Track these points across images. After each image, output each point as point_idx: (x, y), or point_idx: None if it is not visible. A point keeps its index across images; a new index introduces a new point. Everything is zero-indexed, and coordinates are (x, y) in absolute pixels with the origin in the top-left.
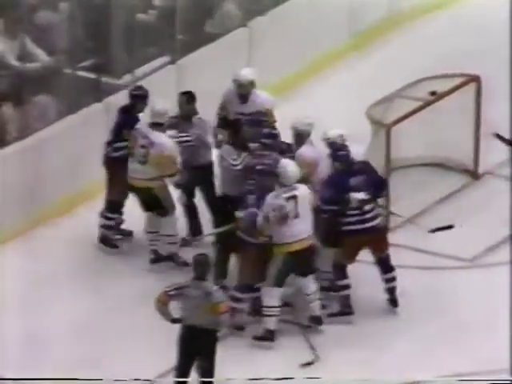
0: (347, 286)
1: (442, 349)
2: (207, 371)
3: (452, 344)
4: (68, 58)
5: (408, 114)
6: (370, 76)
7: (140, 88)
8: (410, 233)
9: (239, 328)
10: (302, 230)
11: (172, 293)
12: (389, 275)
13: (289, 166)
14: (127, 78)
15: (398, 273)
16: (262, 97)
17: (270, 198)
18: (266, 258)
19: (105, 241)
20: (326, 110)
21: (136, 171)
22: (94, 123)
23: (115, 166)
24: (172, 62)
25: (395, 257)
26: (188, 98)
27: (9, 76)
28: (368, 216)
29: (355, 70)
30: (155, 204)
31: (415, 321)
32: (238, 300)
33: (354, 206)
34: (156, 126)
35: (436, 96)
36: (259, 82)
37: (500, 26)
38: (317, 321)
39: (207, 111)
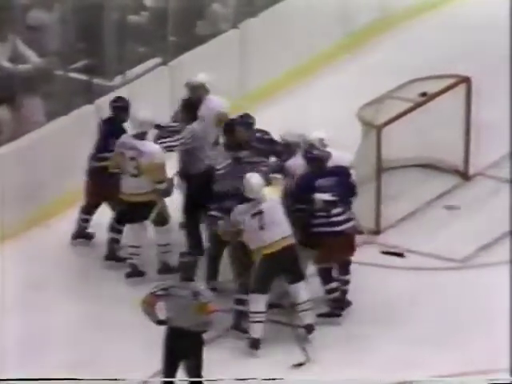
0: (336, 289)
1: (431, 350)
2: (194, 373)
3: (442, 345)
4: (59, 59)
5: (399, 115)
6: (362, 77)
7: (120, 99)
8: (400, 234)
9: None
10: (272, 234)
11: (159, 293)
12: (346, 277)
13: (252, 179)
14: (119, 79)
15: (390, 273)
16: (215, 102)
17: (234, 213)
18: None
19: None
20: (317, 111)
21: (131, 187)
22: (85, 124)
23: (103, 175)
24: (164, 64)
25: (387, 257)
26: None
27: (1, 78)
28: (336, 219)
29: (347, 71)
30: (147, 216)
31: (406, 321)
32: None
33: (319, 207)
34: (140, 135)
35: (426, 97)
36: (251, 83)
37: (489, 26)
38: (308, 329)
39: None
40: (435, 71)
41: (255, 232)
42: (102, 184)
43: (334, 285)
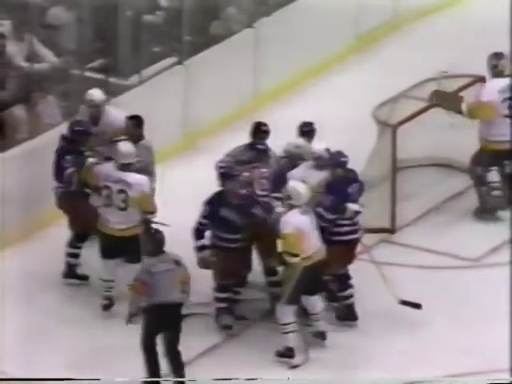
0: (351, 296)
1: (447, 348)
2: (175, 343)
3: (456, 343)
4: (76, 58)
5: (414, 115)
6: (375, 77)
7: (80, 123)
8: (416, 233)
9: (227, 327)
10: (315, 243)
11: (144, 278)
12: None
13: (298, 186)
14: (134, 78)
15: (405, 272)
16: (111, 115)
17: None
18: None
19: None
20: (330, 111)
21: (118, 222)
22: None
23: (73, 199)
24: (179, 63)
25: (403, 257)
26: (137, 122)
27: (17, 77)
28: (354, 228)
29: (360, 71)
30: (127, 250)
31: (420, 320)
32: (220, 300)
33: (348, 216)
34: (124, 167)
35: None
36: (264, 83)
37: (501, 27)
38: (321, 336)
39: (213, 111)
40: (449, 71)
41: (312, 234)
42: (82, 210)
43: (349, 291)
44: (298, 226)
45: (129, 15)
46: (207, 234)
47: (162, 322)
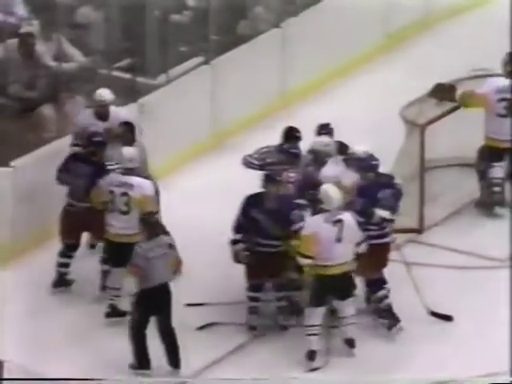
0: (386, 297)
1: (475, 348)
2: (168, 323)
3: (485, 343)
4: (103, 58)
5: (442, 115)
6: (404, 77)
7: (97, 134)
8: (444, 233)
9: (252, 328)
10: (341, 254)
11: (140, 262)
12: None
13: (330, 190)
14: (162, 78)
15: (433, 272)
16: (119, 114)
17: (307, 224)
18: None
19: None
20: (358, 110)
21: (121, 227)
22: None
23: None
24: (206, 63)
25: (430, 257)
26: (129, 127)
27: (46, 76)
28: (383, 232)
29: (388, 71)
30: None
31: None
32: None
33: (374, 222)
34: (128, 171)
35: None
36: (291, 83)
37: None
38: (350, 343)
39: (239, 110)
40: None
41: (330, 244)
42: (82, 221)
43: (384, 292)
44: (316, 231)
45: (156, 15)
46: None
47: (154, 304)
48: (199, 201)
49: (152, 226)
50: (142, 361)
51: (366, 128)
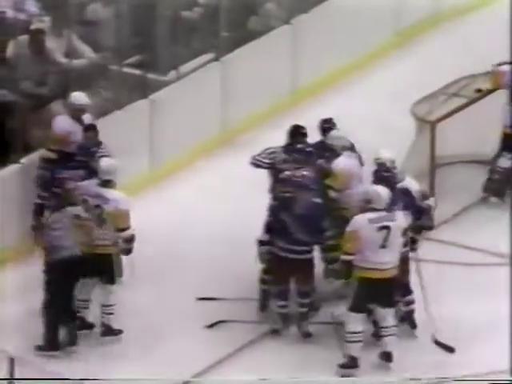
0: (412, 302)
1: (487, 343)
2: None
3: (494, 340)
4: (114, 54)
5: (453, 111)
6: (414, 74)
7: (89, 144)
8: (453, 229)
9: (275, 331)
10: (384, 260)
11: (44, 233)
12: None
13: (379, 190)
14: (172, 74)
15: (443, 269)
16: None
17: (353, 222)
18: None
19: None
20: (368, 107)
21: (95, 238)
22: (139, 118)
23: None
24: (216, 59)
25: (440, 253)
26: (95, 131)
27: (57, 73)
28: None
29: (398, 68)
30: (104, 271)
31: (460, 317)
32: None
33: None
34: (105, 183)
35: (481, 93)
36: (302, 80)
37: None
38: (387, 357)
39: (250, 107)
40: (486, 68)
41: (374, 247)
42: None
43: (411, 298)
44: (359, 228)
45: (167, 11)
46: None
47: (66, 279)
48: (209, 196)
49: (61, 196)
50: (51, 342)
51: (376, 125)
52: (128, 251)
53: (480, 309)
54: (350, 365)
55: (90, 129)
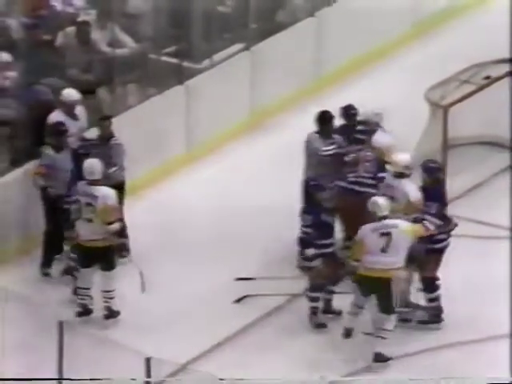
0: (437, 298)
1: (493, 311)
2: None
3: (502, 308)
4: (153, 44)
5: (464, 96)
6: (429, 62)
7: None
8: (467, 204)
9: (321, 325)
10: (383, 261)
11: (44, 163)
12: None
13: (379, 200)
14: (206, 62)
15: (454, 242)
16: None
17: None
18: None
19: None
20: (388, 92)
21: (89, 234)
22: (176, 103)
23: None
24: (246, 49)
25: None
26: (109, 121)
27: (101, 61)
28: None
29: (416, 56)
30: (100, 260)
31: (469, 288)
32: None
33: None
34: (94, 182)
35: (490, 80)
36: (325, 67)
37: None
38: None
39: (277, 92)
40: (492, 57)
41: (375, 252)
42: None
43: (436, 294)
44: (362, 238)
45: (201, 4)
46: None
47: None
48: (238, 176)
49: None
50: (44, 264)
51: (394, 109)
52: (121, 246)
53: (485, 275)
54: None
55: (105, 119)
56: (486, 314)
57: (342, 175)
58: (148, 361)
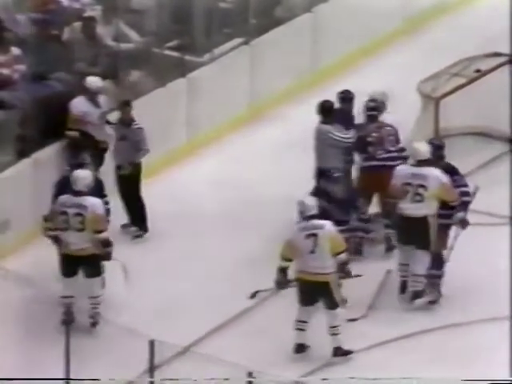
0: (441, 276)
1: (480, 297)
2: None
3: (488, 294)
4: (156, 39)
5: (455, 89)
6: (420, 56)
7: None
8: None
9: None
10: (312, 265)
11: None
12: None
13: (306, 200)
14: (207, 56)
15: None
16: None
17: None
18: None
19: None
20: (380, 86)
21: (77, 243)
22: (178, 95)
23: None
24: (246, 43)
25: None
26: (129, 106)
27: (107, 55)
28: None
29: (407, 51)
30: (86, 267)
31: (455, 272)
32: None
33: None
34: (80, 192)
35: (480, 73)
36: (321, 62)
37: None
38: (336, 352)
39: (275, 85)
40: (481, 51)
41: (305, 255)
42: None
43: (441, 272)
44: (292, 237)
45: (203, 1)
46: None
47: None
48: (238, 165)
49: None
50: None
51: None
52: (108, 254)
53: (480, 265)
54: (296, 350)
55: (126, 105)
56: (482, 299)
57: (369, 156)
58: (152, 343)
